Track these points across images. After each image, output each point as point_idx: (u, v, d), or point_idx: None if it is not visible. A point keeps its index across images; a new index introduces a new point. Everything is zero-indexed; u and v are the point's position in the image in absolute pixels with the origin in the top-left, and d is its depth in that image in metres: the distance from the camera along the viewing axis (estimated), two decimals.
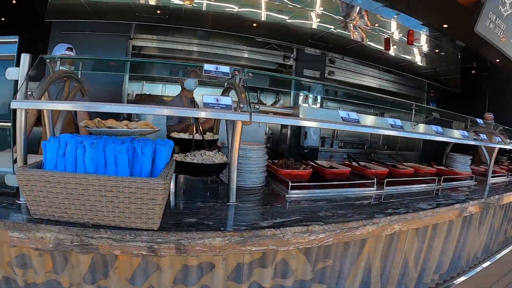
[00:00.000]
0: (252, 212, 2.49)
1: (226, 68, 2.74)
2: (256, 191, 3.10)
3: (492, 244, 5.30)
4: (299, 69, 7.72)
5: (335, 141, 8.77)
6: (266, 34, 7.43)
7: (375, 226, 2.58)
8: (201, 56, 7.56)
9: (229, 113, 2.46)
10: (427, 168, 4.71)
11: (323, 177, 3.74)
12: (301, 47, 7.70)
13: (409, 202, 3.22)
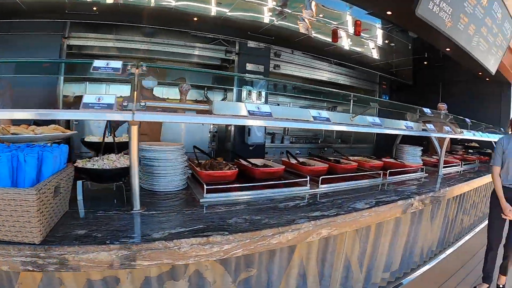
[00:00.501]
0: (155, 221, 2.15)
1: (118, 63, 2.35)
2: (172, 195, 2.76)
3: (448, 236, 5.10)
4: (242, 63, 7.28)
5: (285, 136, 8.35)
6: (208, 28, 7.00)
7: (295, 233, 2.21)
8: (145, 54, 7.04)
9: (108, 113, 2.10)
10: (373, 162, 4.36)
11: (253, 177, 3.33)
12: (244, 41, 7.28)
13: (344, 202, 2.83)
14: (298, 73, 8.46)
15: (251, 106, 2.54)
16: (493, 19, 6.94)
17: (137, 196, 2.29)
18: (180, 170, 2.95)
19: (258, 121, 2.54)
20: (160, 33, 7.07)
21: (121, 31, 6.91)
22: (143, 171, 2.87)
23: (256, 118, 2.51)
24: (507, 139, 3.93)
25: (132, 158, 2.25)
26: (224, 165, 3.30)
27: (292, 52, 8.33)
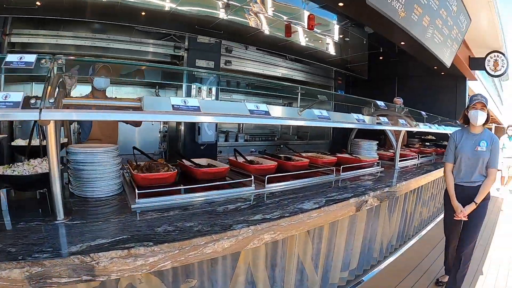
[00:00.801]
0: (76, 232, 1.89)
1: (31, 56, 2.04)
2: (103, 202, 2.49)
3: (408, 229, 4.97)
4: (191, 59, 6.92)
5: (240, 134, 8.07)
6: (157, 23, 6.63)
7: (233, 240, 1.94)
8: (92, 51, 6.57)
9: (14, 112, 1.80)
10: (326, 158, 4.17)
11: (195, 179, 3.07)
12: (193, 36, 6.94)
13: (291, 202, 2.57)
14: (251, 69, 8.17)
15: (176, 100, 2.25)
16: (448, 11, 6.85)
17: (59, 204, 2.03)
18: (112, 174, 2.67)
19: (183, 116, 2.25)
20: (107, 29, 6.66)
21: (67, 27, 6.46)
22: (73, 176, 2.60)
23: (180, 113, 2.22)
24: (460, 133, 3.73)
25: (50, 163, 1.99)
26: (162, 167, 3.04)
27: (246, 48, 8.06)
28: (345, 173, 3.70)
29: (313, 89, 4.21)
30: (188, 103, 2.25)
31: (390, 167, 4.66)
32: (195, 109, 2.25)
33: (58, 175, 2.00)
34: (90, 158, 2.57)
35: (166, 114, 2.23)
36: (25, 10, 5.78)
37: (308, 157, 4.16)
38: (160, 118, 2.39)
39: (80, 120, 2.26)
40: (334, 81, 10.11)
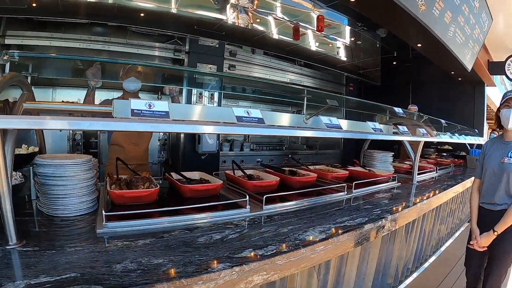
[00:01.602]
0: (22, 263, 1.57)
1: None
2: (69, 222, 2.13)
3: (425, 249, 4.47)
4: (192, 63, 6.55)
5: (245, 143, 7.63)
6: (156, 25, 6.30)
7: (211, 285, 1.48)
8: (89, 53, 6.25)
9: None
10: (336, 171, 3.70)
11: (182, 197, 2.67)
12: (195, 38, 6.56)
13: (292, 231, 2.09)
14: (257, 74, 7.76)
15: (139, 104, 1.80)
16: (470, 7, 6.31)
17: (10, 228, 1.71)
18: (83, 190, 2.31)
19: (144, 124, 1.79)
20: (103, 31, 6.40)
21: (62, 29, 6.21)
22: (40, 192, 2.28)
23: (143, 120, 1.76)
24: (492, 141, 3.16)
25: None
26: (143, 182, 2.61)
27: (253, 52, 7.66)
28: (358, 190, 3.22)
29: (321, 92, 3.80)
30: (154, 108, 1.80)
31: (406, 181, 4.17)
32: (161, 115, 1.80)
33: (7, 195, 1.68)
34: (56, 171, 2.21)
35: (125, 121, 1.75)
36: (21, 10, 5.54)
37: (317, 170, 3.71)
38: (113, 127, 1.92)
39: (24, 128, 1.83)
40: (346, 88, 9.66)
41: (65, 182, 2.22)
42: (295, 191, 2.90)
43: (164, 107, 1.81)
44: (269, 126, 2.15)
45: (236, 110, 2.13)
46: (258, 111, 2.20)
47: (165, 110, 1.80)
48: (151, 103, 1.78)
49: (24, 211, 2.33)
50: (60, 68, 3.43)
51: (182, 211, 2.27)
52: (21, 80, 2.16)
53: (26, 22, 5.92)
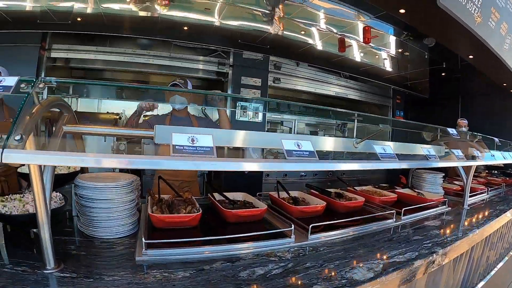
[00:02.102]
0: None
1: (12, 79, 1.70)
2: (109, 245, 2.12)
3: (472, 278, 4.14)
4: (236, 76, 6.60)
5: None
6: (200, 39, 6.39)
7: None
8: (137, 67, 6.52)
9: None
10: (384, 194, 3.57)
11: (224, 221, 2.63)
12: (239, 52, 6.58)
13: (338, 266, 2.00)
14: (302, 87, 7.71)
15: (181, 140, 1.70)
16: None
17: (49, 253, 1.71)
18: (124, 212, 2.28)
19: (186, 162, 1.69)
20: (147, 44, 6.61)
21: (107, 42, 6.47)
22: (80, 212, 2.27)
23: (185, 158, 1.67)
24: None
25: (37, 206, 1.66)
26: (185, 205, 2.59)
27: (298, 65, 7.60)
28: (407, 216, 3.09)
29: (374, 116, 3.70)
30: (197, 143, 1.73)
31: (456, 203, 3.97)
32: (205, 152, 1.72)
33: (46, 222, 1.68)
34: (97, 194, 2.20)
35: (160, 159, 1.67)
36: (66, 25, 5.76)
37: (363, 193, 3.58)
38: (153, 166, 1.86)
39: (56, 165, 1.83)
40: (392, 100, 9.42)
41: (106, 205, 2.21)
42: (342, 219, 2.80)
43: (208, 141, 1.74)
44: (321, 161, 2.03)
45: (286, 143, 2.03)
46: (309, 143, 2.09)
47: (209, 146, 1.74)
48: (194, 137, 1.72)
49: (64, 229, 2.35)
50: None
51: (223, 238, 2.23)
52: (61, 103, 2.17)
53: (72, 36, 6.19)
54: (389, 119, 5.94)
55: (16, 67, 5.42)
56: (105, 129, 2.79)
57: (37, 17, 5.63)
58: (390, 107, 9.36)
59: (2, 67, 4.11)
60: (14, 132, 1.45)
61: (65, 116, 2.20)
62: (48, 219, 1.69)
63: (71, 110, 2.28)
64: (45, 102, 1.77)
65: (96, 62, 6.44)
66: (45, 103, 1.76)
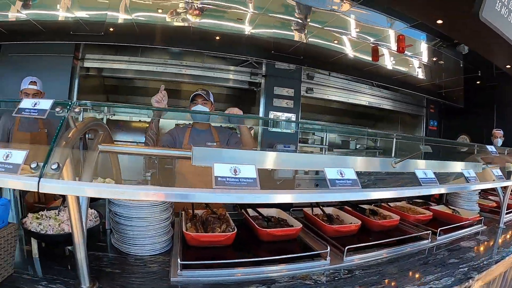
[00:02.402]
0: None
1: (46, 102, 1.72)
2: (143, 263, 2.15)
3: None
4: (269, 87, 6.64)
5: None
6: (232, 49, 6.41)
7: None
8: (168, 77, 6.63)
9: (8, 179, 1.46)
10: (419, 211, 3.54)
11: (258, 240, 2.66)
12: (271, 62, 6.61)
13: None
14: (334, 97, 7.66)
15: (223, 170, 1.70)
16: None
17: (84, 272, 1.74)
18: (159, 230, 2.33)
19: (229, 195, 1.67)
20: (179, 54, 6.69)
21: (139, 52, 6.61)
22: (114, 228, 2.35)
23: (227, 191, 1.65)
24: None
25: (73, 228, 1.70)
26: (219, 223, 2.61)
27: (329, 74, 7.57)
28: (442, 236, 3.04)
29: (413, 136, 3.65)
30: (239, 174, 1.71)
31: (490, 221, 3.86)
32: (248, 183, 1.69)
33: (82, 242, 1.72)
34: (132, 212, 2.25)
35: (201, 192, 1.65)
36: (98, 36, 5.87)
37: (398, 210, 3.55)
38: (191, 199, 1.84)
39: (95, 197, 1.88)
40: (426, 110, 9.23)
41: (141, 223, 2.25)
42: (377, 239, 2.79)
43: (251, 172, 1.73)
44: (364, 190, 2.01)
45: (329, 172, 2.00)
46: (352, 171, 2.07)
47: (252, 177, 1.72)
48: (237, 168, 1.72)
49: (98, 243, 2.39)
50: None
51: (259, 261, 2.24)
52: (97, 123, 2.22)
53: (104, 46, 6.29)
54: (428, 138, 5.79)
55: (50, 76, 5.59)
56: (140, 149, 2.83)
57: (70, 28, 5.78)
58: (423, 116, 9.19)
59: (36, 77, 4.26)
60: (51, 160, 1.49)
61: (100, 135, 2.26)
62: (84, 240, 1.73)
63: (106, 129, 2.34)
64: (81, 124, 1.81)
65: (128, 72, 6.59)
66: (81, 126, 1.80)
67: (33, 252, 2.07)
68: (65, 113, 1.70)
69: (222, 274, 2.05)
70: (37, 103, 1.70)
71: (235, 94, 7.66)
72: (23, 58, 5.83)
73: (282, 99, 6.62)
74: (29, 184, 1.40)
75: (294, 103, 6.75)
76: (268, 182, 5.95)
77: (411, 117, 9.20)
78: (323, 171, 1.97)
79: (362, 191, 2.00)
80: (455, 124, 9.23)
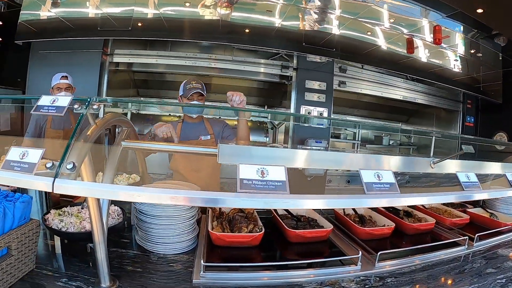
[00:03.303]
0: None
1: (65, 99, 1.69)
2: (166, 263, 2.13)
3: None
4: (301, 80, 6.49)
5: None
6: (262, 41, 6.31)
7: None
8: (198, 71, 6.64)
9: (23, 178, 1.41)
10: (455, 215, 3.37)
11: (286, 241, 2.58)
12: (302, 55, 6.49)
13: None
14: (367, 90, 7.46)
15: (249, 172, 1.60)
16: None
17: (104, 272, 1.74)
18: (184, 229, 2.31)
19: (255, 200, 1.58)
20: (209, 48, 6.75)
21: (170, 46, 6.71)
22: (138, 226, 2.34)
23: (253, 196, 1.54)
24: None
25: (93, 226, 1.70)
26: (246, 223, 2.54)
27: (362, 67, 7.37)
28: (479, 243, 2.86)
29: (450, 134, 3.48)
30: (267, 176, 1.60)
31: None
32: (277, 187, 1.59)
33: (102, 241, 1.72)
34: (156, 210, 2.23)
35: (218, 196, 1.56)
36: (126, 32, 5.92)
37: (432, 211, 3.41)
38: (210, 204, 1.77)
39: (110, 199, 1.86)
40: (463, 105, 8.83)
41: (166, 222, 2.24)
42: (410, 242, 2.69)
43: (281, 175, 1.62)
44: (403, 195, 1.90)
45: (365, 175, 1.86)
46: (390, 174, 1.92)
47: (282, 180, 1.61)
48: (265, 169, 1.62)
49: (122, 239, 2.39)
50: None
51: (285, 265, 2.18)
52: (120, 119, 2.20)
53: (134, 41, 6.42)
54: (458, 136, 5.56)
55: (80, 72, 5.70)
56: (163, 145, 2.79)
57: (98, 24, 5.86)
58: (459, 112, 8.81)
59: (67, 73, 4.34)
60: (67, 159, 1.45)
61: (124, 131, 2.23)
62: (104, 239, 1.72)
63: (130, 125, 2.31)
64: (101, 121, 1.78)
65: (157, 66, 6.63)
66: (101, 123, 1.77)
67: (56, 248, 2.09)
68: (83, 110, 1.67)
69: (246, 278, 1.99)
70: (55, 100, 1.68)
71: (266, 88, 7.56)
72: (53, 55, 5.95)
73: (314, 93, 6.48)
74: (43, 184, 1.38)
75: (326, 97, 6.59)
76: (298, 179, 5.95)
77: (447, 112, 8.86)
78: (359, 173, 1.86)
79: (401, 197, 1.89)
80: (492, 120, 8.86)
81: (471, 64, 8.17)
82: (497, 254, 2.78)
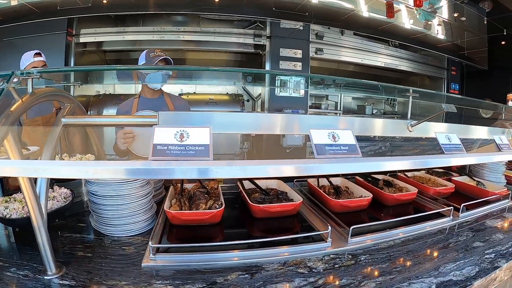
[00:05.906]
0: None
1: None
2: (119, 245, 1.96)
3: None
4: (275, 49, 6.17)
5: None
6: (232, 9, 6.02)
7: None
8: (168, 45, 6.30)
9: None
10: (440, 184, 3.11)
11: (251, 215, 2.36)
12: (276, 21, 6.14)
13: (381, 285, 1.62)
14: (347, 58, 7.14)
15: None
16: None
17: (48, 258, 1.60)
18: (136, 209, 2.09)
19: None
20: (182, 21, 6.47)
21: (133, 22, 6.46)
22: (91, 208, 2.15)
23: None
24: None
25: (30, 210, 1.54)
26: (205, 200, 2.28)
27: (342, 33, 7.04)
28: (465, 213, 2.61)
29: (432, 92, 3.22)
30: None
31: None
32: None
33: (42, 225, 1.57)
34: (106, 190, 2.03)
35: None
36: (91, 8, 5.76)
37: (415, 180, 3.17)
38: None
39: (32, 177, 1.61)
40: (447, 72, 8.61)
41: (116, 202, 2.04)
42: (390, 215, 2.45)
43: (205, 138, 1.39)
44: (365, 159, 1.58)
45: (315, 135, 1.56)
46: (349, 134, 1.62)
47: (204, 143, 1.38)
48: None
49: (78, 224, 2.23)
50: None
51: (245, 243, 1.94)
52: (57, 94, 2.01)
53: (98, 19, 6.17)
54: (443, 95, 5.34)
55: (46, 56, 5.35)
56: (107, 119, 2.55)
57: (58, 3, 5.63)
58: (444, 79, 8.60)
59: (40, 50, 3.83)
60: None
61: (66, 107, 2.03)
62: (43, 223, 1.57)
63: (73, 100, 2.12)
64: (28, 97, 1.58)
65: (126, 44, 6.38)
66: (28, 99, 1.57)
67: (10, 237, 2.01)
68: (4, 85, 1.51)
69: (200, 260, 1.76)
70: None
71: (242, 60, 7.25)
72: (18, 41, 5.73)
73: (289, 61, 6.16)
74: None
75: (303, 65, 6.28)
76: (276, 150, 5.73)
77: (431, 80, 8.64)
78: (309, 134, 1.56)
79: (361, 161, 1.57)
80: (478, 87, 8.66)
81: (456, 29, 7.92)
82: (485, 226, 2.51)
